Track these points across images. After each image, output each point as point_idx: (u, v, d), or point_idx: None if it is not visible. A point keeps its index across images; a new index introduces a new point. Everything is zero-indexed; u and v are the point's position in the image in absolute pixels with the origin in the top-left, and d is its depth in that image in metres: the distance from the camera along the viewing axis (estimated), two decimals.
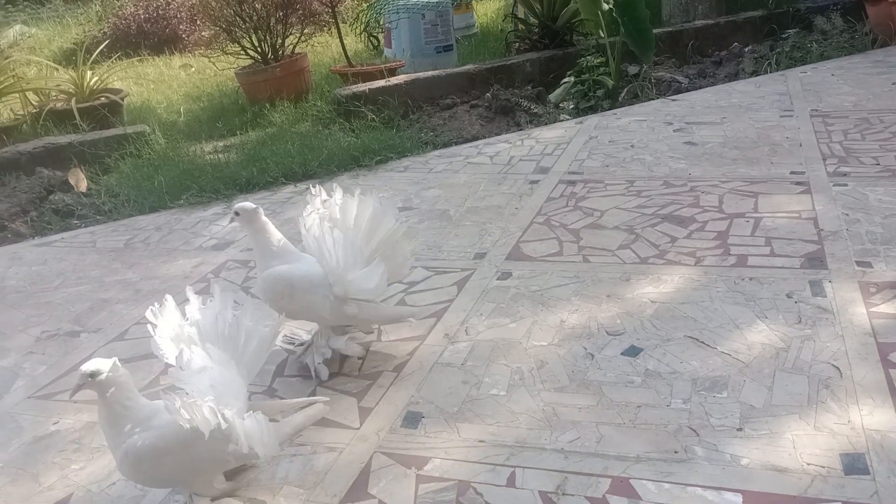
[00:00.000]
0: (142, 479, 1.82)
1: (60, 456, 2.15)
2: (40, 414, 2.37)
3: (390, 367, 2.42)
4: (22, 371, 2.65)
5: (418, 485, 1.88)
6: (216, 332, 1.81)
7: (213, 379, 1.71)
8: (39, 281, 3.42)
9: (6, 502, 1.98)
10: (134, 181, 4.50)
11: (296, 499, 1.88)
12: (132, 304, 3.08)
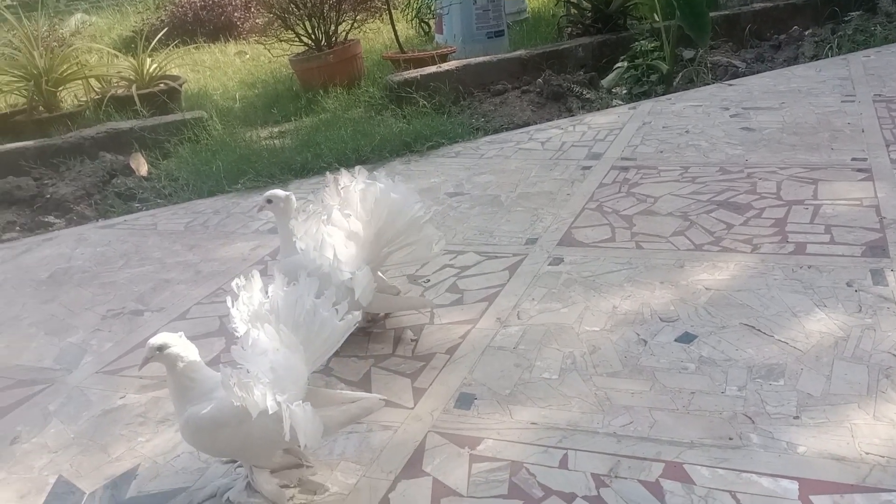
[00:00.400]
0: (201, 448, 1.89)
1: (127, 429, 2.25)
2: (108, 388, 2.48)
3: (443, 350, 2.45)
4: (89, 347, 2.76)
5: (472, 464, 1.92)
6: (293, 315, 1.83)
7: (275, 362, 1.75)
8: (104, 261, 3.56)
9: (78, 471, 2.08)
10: (192, 166, 4.62)
11: (352, 474, 1.93)
12: (193, 284, 3.18)
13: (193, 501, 1.91)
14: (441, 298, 2.80)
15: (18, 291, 3.33)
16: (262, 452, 1.86)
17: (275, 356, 1.76)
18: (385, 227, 2.51)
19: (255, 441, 1.79)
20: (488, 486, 1.84)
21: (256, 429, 1.75)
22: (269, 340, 1.77)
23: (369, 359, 2.46)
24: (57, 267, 3.56)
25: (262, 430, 1.75)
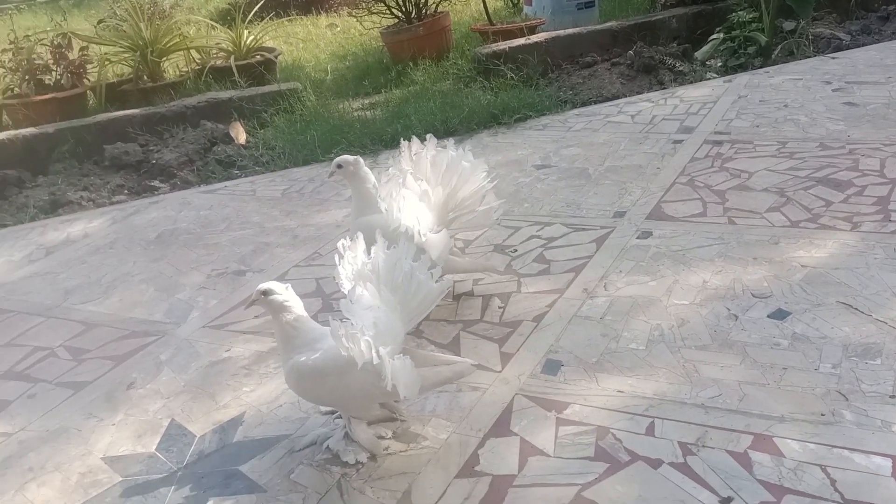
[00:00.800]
0: (303, 394, 2.01)
1: (233, 379, 2.41)
2: (214, 342, 2.65)
3: (530, 318, 2.51)
4: (196, 304, 2.95)
5: (558, 427, 1.97)
6: (392, 277, 1.91)
7: (378, 318, 1.85)
8: (207, 224, 3.76)
9: (189, 416, 2.25)
10: (288, 135, 4.79)
11: (443, 430, 2.02)
12: (290, 248, 3.33)
13: (295, 448, 2.04)
14: (528, 268, 2.84)
15: (129, 250, 3.57)
16: (360, 403, 1.96)
17: (377, 313, 1.85)
18: (453, 192, 2.64)
19: (354, 392, 1.89)
20: (575, 448, 1.89)
21: (357, 380, 1.85)
22: (372, 298, 1.86)
23: (458, 323, 2.53)
24: (164, 228, 3.78)
25: (362, 382, 1.85)
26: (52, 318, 2.98)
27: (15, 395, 2.49)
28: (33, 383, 2.54)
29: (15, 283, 3.39)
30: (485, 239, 3.14)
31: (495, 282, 2.78)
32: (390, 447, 1.98)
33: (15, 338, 2.87)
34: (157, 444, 2.13)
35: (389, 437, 2.00)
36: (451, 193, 2.64)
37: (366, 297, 1.85)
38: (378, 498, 1.82)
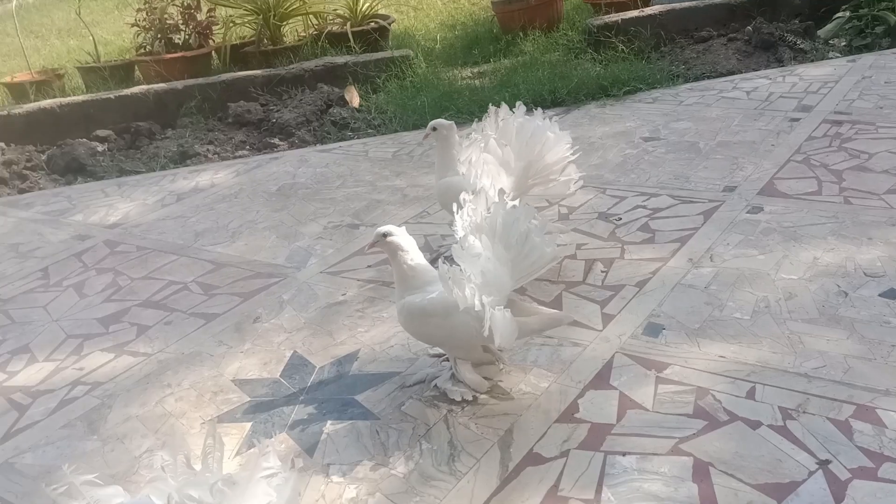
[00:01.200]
0: (412, 331, 2.15)
1: (349, 320, 2.58)
2: (331, 286, 2.84)
3: (633, 283, 2.57)
4: (314, 252, 3.15)
5: (658, 385, 2.04)
6: (508, 234, 2.00)
7: (486, 269, 1.96)
8: (323, 181, 3.97)
9: (309, 349, 2.44)
10: (399, 100, 4.95)
11: (544, 379, 2.13)
12: (401, 206, 3.49)
13: (405, 384, 2.19)
14: (632, 237, 2.89)
15: (252, 200, 3.82)
16: (463, 345, 2.08)
17: (486, 263, 1.96)
18: (535, 161, 2.75)
19: (457, 333, 2.01)
20: (673, 405, 1.96)
21: (459, 322, 1.97)
22: (484, 249, 1.97)
23: (560, 284, 2.62)
24: (283, 182, 4.02)
25: (465, 326, 1.97)
26: (185, 257, 3.26)
27: (153, 321, 2.75)
28: (169, 312, 2.80)
29: (150, 224, 3.70)
30: (590, 207, 3.19)
31: (599, 247, 2.84)
32: (494, 390, 2.10)
33: (152, 272, 3.16)
34: (280, 371, 2.33)
35: (493, 381, 2.13)
36: (533, 161, 2.75)
37: (478, 246, 1.96)
38: (482, 433, 1.95)
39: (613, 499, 1.68)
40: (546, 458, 1.83)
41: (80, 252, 3.45)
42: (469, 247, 1.96)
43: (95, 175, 4.59)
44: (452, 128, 2.82)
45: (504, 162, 2.72)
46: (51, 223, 3.88)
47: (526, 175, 2.76)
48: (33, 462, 2.07)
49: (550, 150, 2.76)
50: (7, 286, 3.19)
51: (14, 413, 2.30)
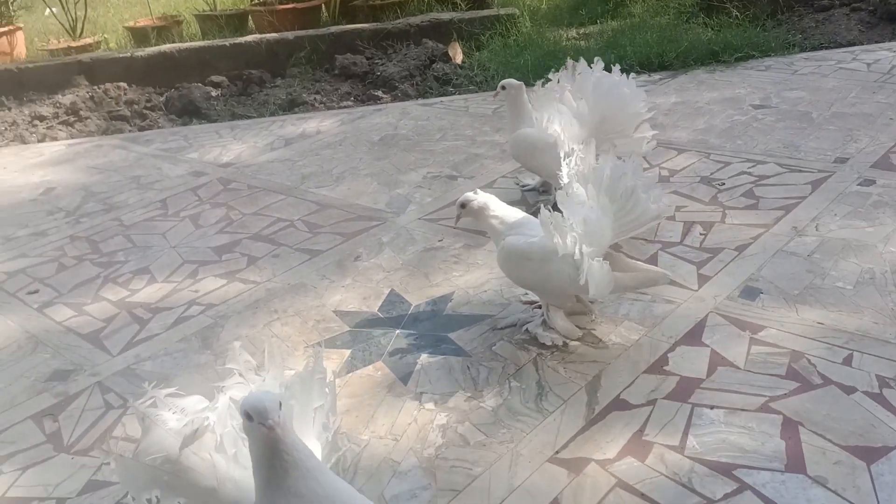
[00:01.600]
0: (508, 273, 2.20)
1: (444, 264, 2.67)
2: (429, 232, 2.93)
3: (732, 247, 2.54)
4: (413, 199, 3.25)
5: (751, 346, 2.04)
6: (615, 187, 2.00)
7: (588, 218, 1.98)
8: (424, 133, 4.05)
9: (406, 288, 2.54)
10: (502, 58, 4.96)
11: (635, 332, 2.15)
12: (499, 160, 3.54)
13: (497, 326, 2.27)
14: (734, 202, 2.85)
15: (356, 148, 3.95)
16: (557, 293, 2.12)
17: (589, 212, 1.99)
18: (609, 116, 2.79)
19: (553, 279, 2.05)
20: (766, 365, 1.95)
21: (556, 269, 2.01)
22: (588, 199, 2.00)
23: (657, 243, 2.62)
24: (385, 133, 4.13)
25: (561, 273, 2.01)
26: (291, 197, 3.42)
27: (262, 253, 2.92)
28: (277, 246, 2.96)
29: (260, 165, 3.88)
30: (692, 171, 3.16)
31: (699, 210, 2.82)
32: (584, 339, 2.15)
33: (261, 209, 3.33)
34: (378, 306, 2.45)
35: (584, 330, 2.17)
36: (608, 116, 2.79)
37: (582, 195, 1.99)
38: (570, 377, 2.00)
39: (698, 447, 1.71)
40: (632, 405, 1.87)
41: (195, 187, 3.67)
42: (573, 194, 1.99)
43: (209, 118, 4.83)
44: (521, 87, 2.96)
45: (578, 114, 2.78)
46: (169, 159, 4.13)
47: (599, 129, 2.80)
48: (152, 370, 2.26)
49: (625, 106, 2.79)
50: (129, 213, 3.43)
51: (136, 326, 2.51)
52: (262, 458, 1.21)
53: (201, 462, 1.33)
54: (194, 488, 1.34)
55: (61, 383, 2.23)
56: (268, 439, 1.18)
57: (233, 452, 1.36)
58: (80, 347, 2.41)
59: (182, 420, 1.38)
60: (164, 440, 1.35)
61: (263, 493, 1.23)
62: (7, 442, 2.00)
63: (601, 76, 2.77)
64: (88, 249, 3.11)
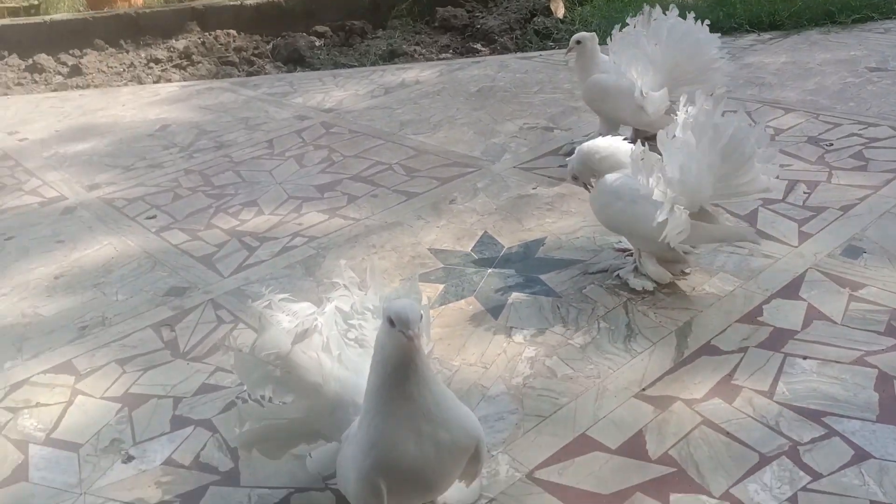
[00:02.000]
0: (598, 213, 2.21)
1: (538, 211, 2.71)
2: (523, 180, 2.97)
3: (836, 206, 2.48)
4: (509, 148, 3.28)
5: (850, 302, 2.00)
6: (731, 148, 1.94)
7: (686, 167, 1.96)
8: (522, 86, 4.06)
9: (498, 231, 2.60)
10: (605, 13, 4.89)
11: (729, 283, 2.15)
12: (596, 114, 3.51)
13: (588, 270, 2.30)
14: (842, 163, 2.76)
15: (453, 98, 4.00)
16: (643, 236, 2.10)
17: (689, 162, 1.97)
18: (682, 61, 2.85)
19: (639, 222, 2.05)
20: (864, 321, 1.92)
21: (644, 213, 2.01)
22: (690, 147, 1.98)
23: (758, 200, 2.57)
24: (483, 84, 4.16)
25: (647, 217, 2.00)
26: (390, 142, 3.52)
27: (361, 193, 3.03)
28: (375, 187, 3.07)
29: (361, 111, 4.00)
30: (799, 130, 3.07)
31: (804, 169, 2.75)
32: (676, 287, 2.16)
33: (361, 152, 3.44)
34: (472, 246, 2.52)
35: (676, 278, 2.18)
36: (681, 62, 2.85)
37: (684, 142, 1.97)
38: (660, 322, 2.03)
39: (788, 394, 1.72)
40: (723, 351, 1.88)
41: (299, 129, 3.82)
42: (680, 140, 1.98)
43: (313, 66, 4.98)
44: (594, 38, 3.04)
45: (652, 60, 2.85)
46: (275, 103, 4.30)
47: (672, 73, 2.87)
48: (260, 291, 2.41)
49: (699, 53, 2.84)
50: (238, 151, 3.61)
51: (245, 252, 2.67)
52: (391, 361, 1.25)
53: (309, 360, 1.44)
54: (302, 383, 1.45)
55: (177, 298, 2.41)
56: (404, 346, 1.22)
57: (337, 354, 1.46)
58: (195, 268, 2.59)
59: (293, 322, 1.50)
60: (277, 338, 1.45)
61: (377, 392, 1.29)
62: (129, 346, 2.19)
63: (675, 22, 2.82)
64: (201, 182, 3.31)
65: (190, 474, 1.70)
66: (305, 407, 1.47)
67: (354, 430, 1.37)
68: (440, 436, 1.28)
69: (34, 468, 1.77)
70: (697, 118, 1.97)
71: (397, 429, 1.26)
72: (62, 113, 4.58)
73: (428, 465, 1.29)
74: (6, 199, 3.36)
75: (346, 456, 1.37)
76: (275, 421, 1.49)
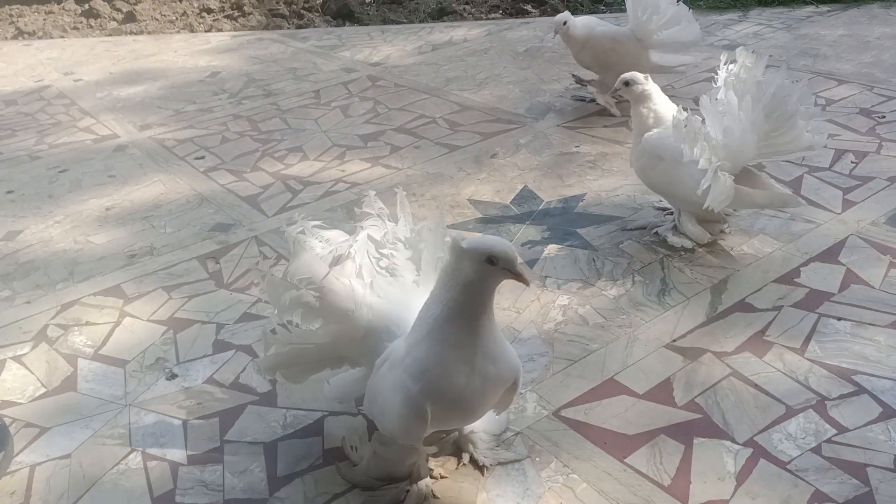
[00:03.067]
0: (639, 172, 2.22)
1: (579, 168, 2.72)
2: (566, 138, 2.97)
3: (884, 177, 2.44)
4: (553, 107, 3.28)
5: (889, 269, 1.99)
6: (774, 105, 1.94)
7: (730, 129, 1.93)
8: None
9: (539, 186, 2.62)
10: None
11: (769, 245, 2.14)
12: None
13: (626, 227, 2.31)
14: (893, 135, 2.71)
15: (500, 57, 3.99)
16: (683, 197, 2.10)
17: (733, 123, 1.95)
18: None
19: (680, 183, 2.05)
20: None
21: (686, 174, 2.01)
22: (739, 110, 1.95)
23: (804, 167, 2.55)
24: (531, 45, 4.14)
25: (690, 178, 2.00)
26: (434, 97, 3.53)
27: (405, 144, 3.06)
28: (418, 139, 3.10)
29: (407, 66, 4.01)
30: (851, 101, 3.00)
31: (853, 140, 2.70)
32: (714, 247, 2.15)
33: (406, 105, 3.47)
34: (511, 199, 2.54)
35: (715, 237, 2.17)
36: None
37: (733, 104, 1.94)
38: (695, 278, 2.03)
39: (820, 352, 1.72)
40: (757, 309, 1.89)
41: (346, 81, 3.85)
42: (717, 101, 1.96)
43: (362, 21, 5.00)
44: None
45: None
46: (323, 55, 4.34)
47: None
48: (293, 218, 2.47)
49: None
50: (286, 100, 3.66)
51: (288, 194, 2.73)
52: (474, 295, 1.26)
53: (342, 286, 1.45)
54: (333, 309, 1.45)
55: (223, 234, 2.48)
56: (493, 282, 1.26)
57: (369, 281, 1.47)
58: (240, 207, 2.66)
59: (327, 248, 1.51)
60: (311, 264, 1.45)
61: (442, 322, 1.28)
62: (176, 275, 2.27)
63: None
64: (249, 127, 3.37)
65: (230, 393, 1.77)
66: (334, 332, 1.49)
67: (395, 356, 1.38)
68: (489, 369, 1.31)
69: (83, 380, 1.86)
70: (739, 76, 1.95)
71: (454, 359, 1.29)
72: (116, 57, 4.68)
73: (474, 396, 1.32)
74: (61, 135, 3.47)
75: (385, 380, 1.38)
76: (301, 346, 1.52)
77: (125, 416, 1.73)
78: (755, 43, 3.78)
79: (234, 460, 1.59)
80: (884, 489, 1.38)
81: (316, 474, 1.53)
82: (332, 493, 1.48)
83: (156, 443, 1.65)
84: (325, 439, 1.62)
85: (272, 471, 1.55)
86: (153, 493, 1.53)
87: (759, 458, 1.47)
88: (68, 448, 1.66)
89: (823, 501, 1.37)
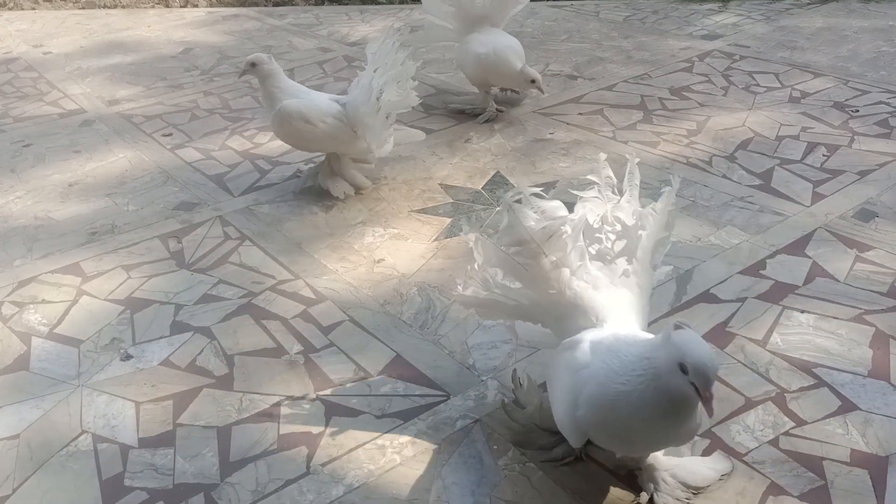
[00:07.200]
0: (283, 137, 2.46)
1: (552, 155, 2.69)
2: (540, 124, 2.94)
3: (854, 171, 2.44)
4: (529, 93, 3.24)
5: (855, 263, 1.99)
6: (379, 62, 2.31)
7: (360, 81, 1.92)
8: (549, 34, 4.00)
9: (511, 172, 2.59)
10: None
11: (736, 236, 2.13)
12: (622, 65, 3.46)
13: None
14: (866, 129, 2.71)
15: None
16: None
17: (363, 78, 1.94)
18: None
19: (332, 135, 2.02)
20: (868, 281, 1.91)
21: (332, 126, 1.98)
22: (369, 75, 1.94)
23: (776, 159, 2.54)
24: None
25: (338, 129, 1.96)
26: None
27: None
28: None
29: None
30: (826, 95, 3.00)
31: (825, 133, 2.70)
32: (682, 236, 2.14)
33: None
34: (482, 185, 2.51)
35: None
36: None
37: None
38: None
39: (782, 344, 1.72)
40: (721, 300, 1.88)
41: (321, 61, 3.79)
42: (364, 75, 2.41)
43: (341, 1, 4.92)
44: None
45: None
46: (299, 34, 4.27)
47: None
48: (268, 212, 2.43)
49: None
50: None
51: (256, 174, 2.68)
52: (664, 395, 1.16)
53: (548, 264, 1.37)
54: (536, 282, 1.40)
55: (187, 213, 2.43)
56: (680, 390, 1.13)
57: (578, 265, 1.39)
58: (206, 185, 2.61)
59: (541, 222, 1.38)
60: (522, 236, 1.36)
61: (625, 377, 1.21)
62: (136, 254, 2.22)
63: None
64: (219, 104, 3.31)
65: (185, 376, 1.74)
66: (533, 299, 1.44)
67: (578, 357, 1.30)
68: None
69: (35, 359, 1.82)
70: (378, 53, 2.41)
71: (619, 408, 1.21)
72: (87, 30, 4.58)
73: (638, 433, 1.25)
74: (27, 108, 3.38)
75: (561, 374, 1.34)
76: (501, 298, 1.47)
77: (77, 397, 1.69)
78: (733, 34, 3.77)
79: (186, 444, 1.55)
80: (839, 483, 1.38)
81: (269, 459, 1.51)
82: (284, 480, 1.46)
83: (107, 425, 1.61)
84: (280, 425, 1.59)
85: (224, 455, 1.52)
86: (101, 475, 1.49)
87: (716, 450, 1.46)
88: (17, 428, 1.62)
89: (779, 494, 1.37)
